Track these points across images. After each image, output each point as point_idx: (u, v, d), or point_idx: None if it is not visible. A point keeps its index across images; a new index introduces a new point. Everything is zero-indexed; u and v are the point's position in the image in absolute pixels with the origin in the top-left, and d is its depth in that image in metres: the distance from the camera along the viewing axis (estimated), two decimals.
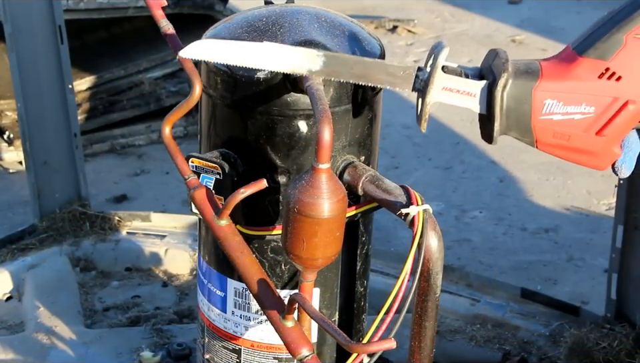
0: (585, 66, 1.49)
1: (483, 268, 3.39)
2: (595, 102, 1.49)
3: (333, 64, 1.56)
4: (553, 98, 1.50)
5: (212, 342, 1.90)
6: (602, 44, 1.48)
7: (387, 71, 1.56)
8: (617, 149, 1.54)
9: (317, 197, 1.48)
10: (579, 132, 1.51)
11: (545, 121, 1.51)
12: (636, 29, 1.46)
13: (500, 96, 1.51)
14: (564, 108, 1.50)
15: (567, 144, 1.52)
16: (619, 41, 1.47)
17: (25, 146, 3.18)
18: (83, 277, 3.06)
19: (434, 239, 1.59)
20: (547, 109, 1.50)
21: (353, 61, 1.57)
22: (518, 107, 1.51)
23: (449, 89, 1.54)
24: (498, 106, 1.51)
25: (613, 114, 1.50)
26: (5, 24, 3.06)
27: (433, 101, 1.54)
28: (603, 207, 3.82)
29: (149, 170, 4.11)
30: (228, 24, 1.78)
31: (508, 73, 1.50)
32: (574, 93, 1.49)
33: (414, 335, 1.67)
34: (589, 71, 1.49)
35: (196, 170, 1.72)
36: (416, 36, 5.62)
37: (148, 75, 4.36)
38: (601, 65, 1.48)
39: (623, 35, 1.47)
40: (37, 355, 2.62)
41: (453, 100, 1.55)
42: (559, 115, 1.50)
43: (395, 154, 4.22)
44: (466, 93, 1.54)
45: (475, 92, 1.54)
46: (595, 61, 1.48)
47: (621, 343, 2.63)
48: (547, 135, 1.52)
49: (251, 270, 1.59)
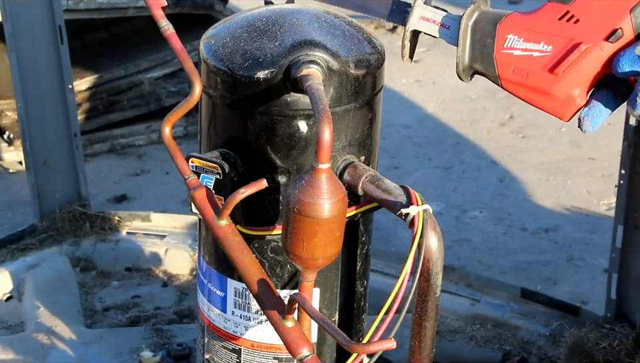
0: (548, 8, 1.58)
1: (482, 268, 3.39)
2: (552, 41, 1.57)
3: None
4: (514, 33, 1.59)
5: (212, 342, 1.90)
6: None
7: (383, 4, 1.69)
8: (578, 98, 1.57)
9: (317, 197, 1.48)
10: (536, 70, 1.58)
11: (506, 55, 1.59)
12: None
13: (465, 23, 1.61)
14: (524, 44, 1.58)
15: (525, 82, 1.59)
16: None
17: (25, 146, 3.18)
18: (83, 277, 3.06)
19: (434, 239, 1.59)
20: (508, 44, 1.59)
21: None
22: (482, 39, 1.61)
23: (426, 19, 1.66)
24: (462, 32, 1.62)
25: (566, 53, 1.57)
26: (5, 24, 3.06)
27: (412, 28, 1.66)
28: (603, 207, 3.82)
29: (149, 170, 4.11)
30: (228, 24, 1.78)
31: (476, 5, 1.61)
32: (534, 31, 1.58)
33: (414, 335, 1.67)
34: (551, 12, 1.57)
35: (196, 170, 1.72)
36: None
37: (148, 75, 4.36)
38: (562, 9, 1.56)
39: None
40: (37, 355, 2.62)
41: (429, 29, 1.66)
42: (518, 50, 1.59)
43: (395, 154, 4.22)
44: (440, 24, 1.65)
45: (448, 24, 1.65)
46: (558, 5, 1.57)
47: (621, 343, 2.63)
48: (507, 70, 1.60)
49: (251, 270, 1.60)
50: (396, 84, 4.84)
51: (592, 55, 1.55)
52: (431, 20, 1.65)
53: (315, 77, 1.61)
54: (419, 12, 1.66)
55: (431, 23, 1.65)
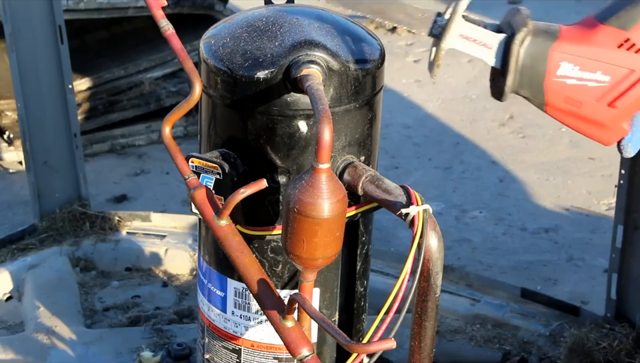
0: (605, 33, 1.46)
1: (482, 268, 3.39)
2: (611, 71, 1.46)
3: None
4: (570, 61, 1.47)
5: (212, 342, 1.90)
6: (625, 13, 1.45)
7: (406, 12, 1.54)
8: (626, 125, 1.51)
9: (317, 197, 1.48)
10: (591, 100, 1.48)
11: (559, 83, 1.48)
12: None
13: (517, 50, 1.48)
14: (579, 73, 1.47)
15: (578, 111, 1.49)
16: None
17: (25, 146, 3.18)
18: (83, 277, 3.06)
19: (434, 239, 1.59)
20: (562, 72, 1.48)
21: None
22: (533, 65, 1.48)
23: (466, 37, 1.51)
24: (514, 60, 1.49)
25: (628, 86, 1.47)
26: (5, 24, 3.06)
27: (448, 46, 1.51)
28: (603, 207, 3.82)
29: (149, 170, 4.11)
30: (228, 24, 1.78)
31: (527, 29, 1.48)
32: (591, 58, 1.46)
33: (414, 335, 1.67)
34: (608, 39, 1.46)
35: (196, 170, 1.72)
36: (416, 36, 5.62)
37: (148, 75, 4.36)
38: (621, 35, 1.45)
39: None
40: (37, 355, 2.62)
41: (468, 49, 1.52)
42: (573, 79, 1.48)
43: (395, 154, 4.22)
44: (482, 44, 1.51)
45: (491, 44, 1.51)
46: (616, 30, 1.46)
47: (621, 343, 2.63)
48: (558, 99, 1.49)
49: (251, 270, 1.60)
50: (396, 84, 4.84)
51: None
52: (471, 39, 1.51)
53: (314, 77, 1.61)
54: (457, 29, 1.51)
55: (471, 41, 1.51)
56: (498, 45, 1.51)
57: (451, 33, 1.51)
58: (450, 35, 1.51)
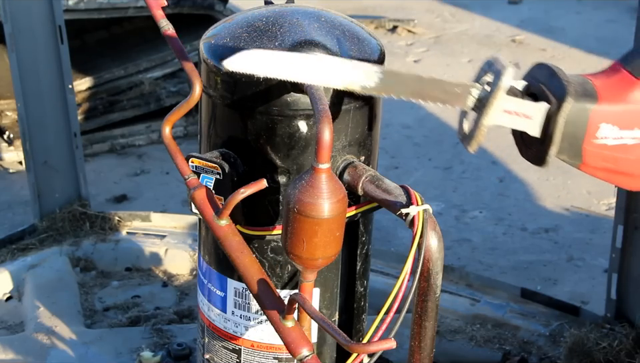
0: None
1: (482, 268, 3.39)
2: None
3: (390, 81, 1.48)
4: (609, 121, 1.44)
5: (212, 342, 1.90)
6: None
7: (442, 89, 1.48)
8: None
9: (317, 197, 1.48)
10: (629, 157, 1.46)
11: (598, 145, 1.45)
12: None
13: (560, 121, 1.43)
14: (619, 133, 1.45)
15: (614, 168, 1.48)
16: None
17: (25, 146, 3.18)
18: (83, 277, 3.06)
19: (434, 239, 1.59)
20: (602, 133, 1.45)
21: (409, 78, 1.49)
22: (573, 130, 1.44)
23: (509, 112, 1.45)
24: (559, 132, 1.44)
25: None
26: (5, 24, 3.06)
27: (491, 123, 1.45)
28: (603, 207, 3.82)
29: (149, 170, 4.11)
30: (228, 24, 1.78)
31: (569, 100, 1.42)
32: (630, 117, 1.44)
33: (414, 335, 1.67)
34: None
35: (196, 170, 1.72)
36: (416, 36, 5.62)
37: (148, 75, 4.36)
38: None
39: None
40: (37, 355, 2.62)
41: (510, 123, 1.46)
42: (612, 139, 1.45)
43: (395, 154, 4.22)
44: (523, 115, 1.45)
45: (532, 115, 1.46)
46: None
47: (621, 343, 2.63)
48: (596, 159, 1.47)
49: (251, 270, 1.59)
50: None
51: None
52: (513, 112, 1.44)
53: None
54: (500, 105, 1.43)
55: (513, 115, 1.44)
56: (540, 116, 1.46)
57: (494, 109, 1.45)
58: (493, 111, 1.45)
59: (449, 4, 6.10)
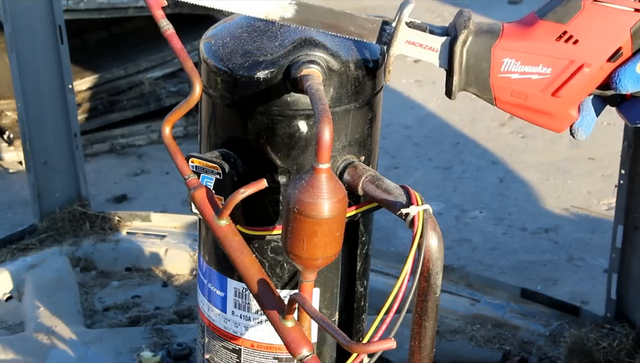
0: (544, 28, 1.53)
1: (482, 268, 3.39)
2: (552, 63, 1.53)
3: (305, 12, 1.60)
4: (511, 57, 1.54)
5: (212, 342, 1.90)
6: (561, 8, 1.52)
7: (356, 23, 1.61)
8: (573, 112, 1.57)
9: (317, 197, 1.48)
10: (535, 92, 1.55)
11: (503, 79, 1.55)
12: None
13: (459, 51, 1.55)
14: (522, 67, 1.54)
15: (524, 103, 1.56)
16: (577, 6, 1.51)
17: (25, 146, 3.18)
18: (83, 277, 3.06)
19: (434, 239, 1.59)
20: (505, 68, 1.54)
21: (323, 10, 1.61)
22: (477, 64, 1.55)
23: (412, 43, 1.59)
24: (457, 61, 1.56)
25: (568, 76, 1.54)
26: (5, 24, 3.06)
27: (396, 53, 1.59)
28: (603, 207, 3.82)
29: (149, 170, 4.11)
30: (228, 24, 1.78)
31: (468, 30, 1.55)
32: (532, 53, 1.53)
33: (414, 335, 1.67)
34: (547, 33, 1.53)
35: (196, 170, 1.72)
36: None
37: (148, 75, 4.36)
38: (559, 28, 1.52)
39: (581, 0, 1.50)
40: (37, 355, 2.62)
41: (415, 53, 1.59)
42: (516, 73, 1.54)
43: (395, 154, 4.22)
44: (428, 48, 1.58)
45: (436, 47, 1.58)
46: (554, 24, 1.52)
47: (621, 343, 2.63)
48: (504, 93, 1.56)
49: (251, 270, 1.59)
50: (396, 84, 4.84)
51: (593, 76, 1.53)
52: (417, 44, 1.59)
53: (314, 77, 1.62)
54: (403, 35, 1.59)
55: (417, 46, 1.59)
56: (442, 47, 1.58)
57: (397, 40, 1.59)
58: (397, 42, 1.59)
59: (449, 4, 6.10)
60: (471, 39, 1.55)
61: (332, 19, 1.60)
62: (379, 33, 1.61)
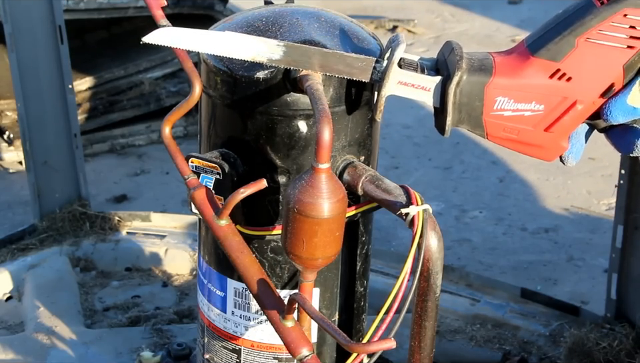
0: (536, 66, 1.53)
1: (482, 268, 3.39)
2: (544, 100, 1.54)
3: (293, 54, 1.59)
4: (505, 95, 1.54)
5: (212, 342, 1.90)
6: (554, 45, 1.52)
7: (345, 62, 1.59)
8: (564, 143, 1.59)
9: (317, 197, 1.48)
10: (528, 127, 1.56)
11: (496, 116, 1.55)
12: (587, 32, 1.50)
13: (453, 93, 1.55)
14: (514, 105, 1.54)
15: (517, 138, 1.57)
16: (571, 43, 1.51)
17: (25, 146, 3.18)
18: (83, 277, 3.06)
19: (434, 239, 1.59)
20: (498, 106, 1.55)
21: (312, 51, 1.60)
22: (470, 102, 1.55)
23: (404, 83, 1.57)
24: (450, 102, 1.55)
25: (561, 112, 1.55)
26: (5, 24, 3.06)
27: (388, 93, 1.58)
28: (603, 207, 3.82)
29: (149, 170, 4.11)
30: (228, 24, 1.78)
31: (462, 70, 1.53)
32: (525, 91, 1.54)
33: (414, 335, 1.67)
34: (540, 70, 1.53)
35: (196, 170, 1.72)
36: (416, 36, 5.62)
37: (148, 75, 4.36)
38: (552, 66, 1.52)
39: (575, 38, 1.51)
40: (37, 355, 2.62)
41: (408, 94, 1.58)
42: (509, 111, 1.55)
43: (395, 154, 4.22)
44: (420, 88, 1.57)
45: (429, 87, 1.57)
46: (547, 62, 1.52)
47: (621, 343, 2.63)
48: (497, 130, 1.57)
49: (251, 270, 1.59)
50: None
51: (585, 110, 1.55)
52: (409, 84, 1.57)
53: (314, 76, 1.61)
54: (395, 77, 1.57)
55: (409, 86, 1.57)
56: (435, 87, 1.57)
57: (389, 82, 1.57)
58: (389, 83, 1.57)
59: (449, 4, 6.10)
60: (465, 79, 1.54)
61: (321, 59, 1.59)
62: (371, 71, 1.59)
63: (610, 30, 1.49)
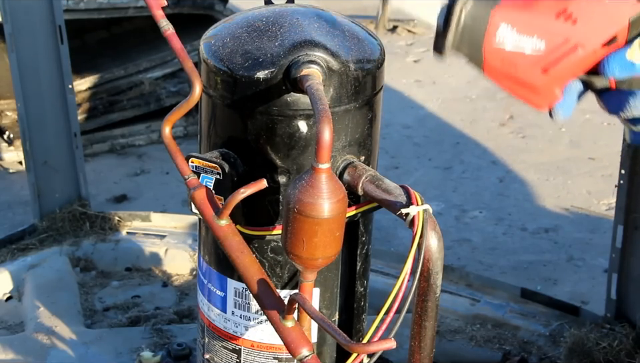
0: (545, 1, 1.51)
1: (482, 268, 3.39)
2: (547, 37, 1.52)
3: None
4: (509, 22, 1.52)
5: (212, 342, 1.90)
6: None
7: None
8: (558, 92, 1.57)
9: (317, 197, 1.48)
10: (526, 64, 1.54)
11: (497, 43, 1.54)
12: None
13: (458, 10, 1.53)
14: (517, 36, 1.53)
15: (514, 73, 1.55)
16: None
17: (24, 146, 3.18)
18: (83, 277, 3.06)
19: (434, 239, 1.59)
20: (501, 33, 1.53)
21: None
22: (474, 25, 1.53)
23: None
24: (455, 20, 1.54)
25: (561, 54, 1.53)
26: (5, 24, 3.06)
27: None
28: (603, 207, 3.82)
29: (149, 170, 4.11)
30: (228, 24, 1.78)
31: None
32: (529, 24, 1.52)
33: (414, 335, 1.67)
34: (548, 7, 1.51)
35: (196, 170, 1.72)
36: (416, 36, 5.62)
37: (148, 75, 4.36)
38: (561, 4, 1.51)
39: None
40: (37, 355, 2.62)
41: None
42: (510, 42, 1.53)
43: (395, 154, 4.22)
44: None
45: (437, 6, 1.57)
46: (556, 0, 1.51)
47: (621, 343, 2.63)
48: (495, 59, 1.54)
49: (250, 270, 1.59)
50: (396, 84, 4.85)
51: (585, 58, 1.53)
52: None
53: (314, 77, 1.61)
54: None
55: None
56: (442, 7, 1.56)
57: None
58: None
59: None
60: (472, 2, 1.53)
61: None
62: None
63: None
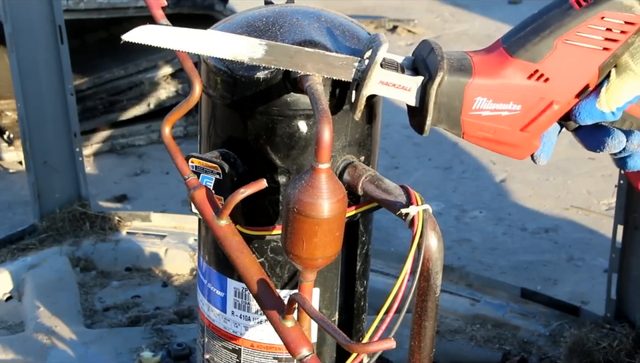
0: (515, 66, 1.54)
1: (482, 268, 3.39)
2: (522, 100, 1.56)
3: (274, 53, 1.58)
4: (484, 95, 1.56)
5: (212, 342, 1.90)
6: (533, 47, 1.53)
7: (326, 61, 1.59)
8: (537, 142, 1.61)
9: (317, 197, 1.48)
10: (504, 127, 1.57)
11: (474, 116, 1.57)
12: (566, 34, 1.52)
13: (435, 93, 1.56)
14: (493, 105, 1.56)
15: (492, 137, 1.58)
16: (549, 45, 1.52)
17: (25, 146, 3.18)
18: (83, 277, 3.06)
19: (434, 239, 1.59)
20: (477, 106, 1.56)
21: (293, 50, 1.60)
22: (450, 102, 1.56)
23: (386, 83, 1.58)
24: (432, 102, 1.56)
25: (538, 113, 1.57)
26: (5, 24, 3.07)
27: (368, 93, 1.58)
28: (602, 207, 3.82)
29: (149, 170, 4.11)
30: (228, 24, 1.78)
31: (443, 71, 1.54)
32: (503, 91, 1.55)
33: (414, 335, 1.67)
34: (519, 71, 1.54)
35: (196, 170, 1.72)
36: (416, 36, 5.62)
37: (148, 75, 4.36)
38: (531, 67, 1.54)
39: (554, 40, 1.52)
40: (37, 355, 2.62)
41: (388, 93, 1.59)
42: (487, 111, 1.56)
43: (395, 154, 4.22)
44: (401, 87, 1.58)
45: (410, 86, 1.58)
46: (526, 63, 1.54)
47: (621, 343, 2.63)
48: (474, 129, 1.58)
49: (250, 270, 1.59)
50: None
51: (560, 111, 1.57)
52: (390, 84, 1.57)
53: (314, 77, 1.61)
54: (377, 77, 1.56)
55: (391, 86, 1.58)
56: (416, 88, 1.58)
57: (371, 81, 1.57)
58: (370, 83, 1.57)
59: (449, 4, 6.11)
60: (445, 79, 1.55)
61: (302, 58, 1.59)
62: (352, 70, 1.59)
63: (587, 32, 1.51)
